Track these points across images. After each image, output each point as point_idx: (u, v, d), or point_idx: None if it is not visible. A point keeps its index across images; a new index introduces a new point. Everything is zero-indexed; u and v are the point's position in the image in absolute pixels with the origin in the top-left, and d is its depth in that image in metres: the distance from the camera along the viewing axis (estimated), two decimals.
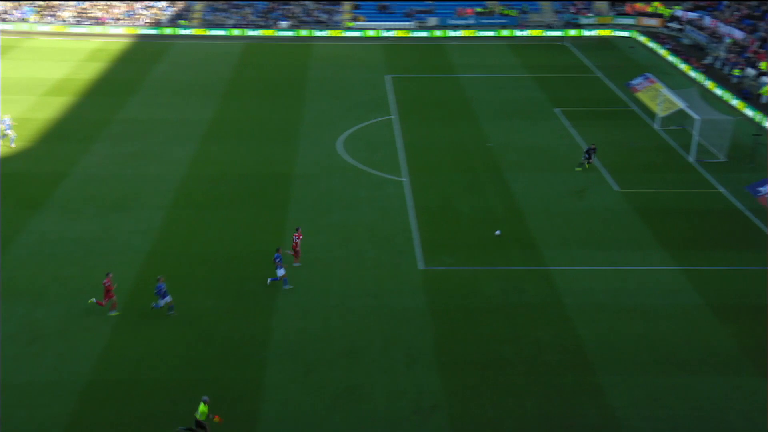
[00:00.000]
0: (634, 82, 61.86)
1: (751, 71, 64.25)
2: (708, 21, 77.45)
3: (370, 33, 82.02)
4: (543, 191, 43.19)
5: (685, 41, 78.67)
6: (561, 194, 42.74)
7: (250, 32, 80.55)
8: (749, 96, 59.52)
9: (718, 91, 60.62)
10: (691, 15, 79.89)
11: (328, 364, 28.79)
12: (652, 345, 29.84)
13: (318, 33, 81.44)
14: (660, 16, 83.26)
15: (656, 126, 53.13)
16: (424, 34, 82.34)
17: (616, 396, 27.22)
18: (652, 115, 54.94)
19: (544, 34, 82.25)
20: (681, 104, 50.58)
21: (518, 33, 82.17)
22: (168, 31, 79.47)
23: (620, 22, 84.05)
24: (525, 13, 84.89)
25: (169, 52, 71.82)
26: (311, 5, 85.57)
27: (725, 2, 79.47)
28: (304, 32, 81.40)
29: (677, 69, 68.36)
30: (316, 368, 28.54)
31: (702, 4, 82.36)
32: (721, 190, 43.29)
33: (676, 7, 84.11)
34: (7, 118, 48.73)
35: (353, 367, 28.66)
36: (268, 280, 33.28)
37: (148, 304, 31.86)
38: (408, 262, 35.64)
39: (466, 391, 27.58)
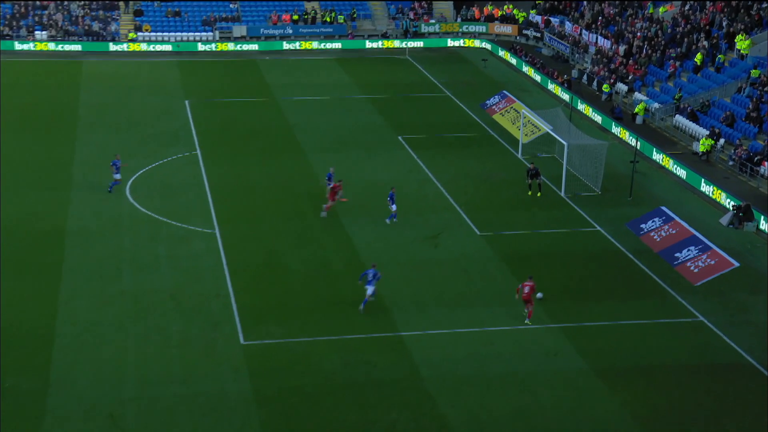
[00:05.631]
0: (489, 102, 64.64)
1: (621, 87, 68.77)
2: (569, 27, 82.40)
3: (161, 46, 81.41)
4: (389, 238, 43.98)
5: (545, 51, 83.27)
6: (411, 241, 43.71)
7: None
8: (622, 116, 63.59)
9: (587, 111, 64.38)
10: (554, 20, 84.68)
11: None
12: (532, 422, 30.76)
13: (112, 46, 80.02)
14: (514, 21, 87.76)
15: (519, 154, 55.62)
16: (230, 46, 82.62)
17: None
18: (513, 141, 57.49)
19: (378, 46, 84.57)
20: (546, 127, 53.27)
21: (347, 45, 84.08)
22: None
23: (469, 30, 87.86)
24: (354, 19, 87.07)
25: None
26: (79, 11, 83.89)
27: (584, 3, 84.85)
28: (70, 45, 79.64)
29: (538, 85, 72.10)
30: None
31: (560, 6, 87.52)
32: (599, 228, 45.73)
33: (532, 11, 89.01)
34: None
35: None
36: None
37: None
38: (225, 336, 35.18)
39: None
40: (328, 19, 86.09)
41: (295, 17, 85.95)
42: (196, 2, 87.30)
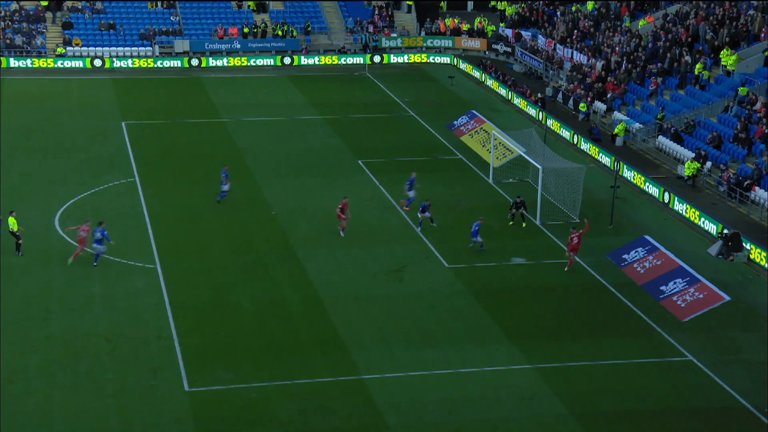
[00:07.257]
0: (457, 122, 64.85)
1: (600, 105, 69.32)
2: (543, 42, 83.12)
3: (94, 62, 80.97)
4: (349, 272, 43.80)
5: (517, 68, 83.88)
6: (374, 275, 43.56)
7: None
8: (600, 137, 64.03)
9: (563, 132, 64.77)
10: (525, 34, 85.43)
11: None
12: None
13: (13, 62, 79.40)
14: (483, 35, 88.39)
15: (490, 179, 55.75)
16: (172, 62, 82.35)
17: None
18: (483, 164, 57.63)
19: (336, 62, 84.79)
20: (519, 150, 53.46)
21: (302, 60, 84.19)
22: None
23: (434, 45, 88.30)
24: (308, 33, 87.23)
25: None
26: None
27: (557, 16, 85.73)
28: None
29: (510, 104, 72.50)
30: None
31: (533, 18, 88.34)
32: (577, 259, 45.84)
33: (501, 24, 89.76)
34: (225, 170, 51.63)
35: None
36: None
37: None
38: (167, 382, 34.73)
39: None
40: (280, 33, 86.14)
41: (245, 30, 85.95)
42: (134, 14, 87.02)
